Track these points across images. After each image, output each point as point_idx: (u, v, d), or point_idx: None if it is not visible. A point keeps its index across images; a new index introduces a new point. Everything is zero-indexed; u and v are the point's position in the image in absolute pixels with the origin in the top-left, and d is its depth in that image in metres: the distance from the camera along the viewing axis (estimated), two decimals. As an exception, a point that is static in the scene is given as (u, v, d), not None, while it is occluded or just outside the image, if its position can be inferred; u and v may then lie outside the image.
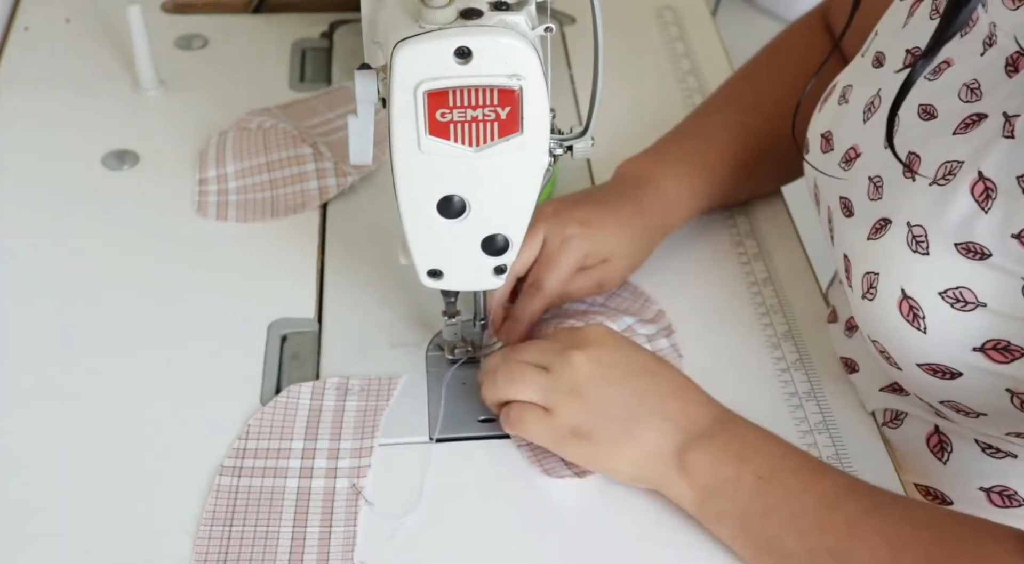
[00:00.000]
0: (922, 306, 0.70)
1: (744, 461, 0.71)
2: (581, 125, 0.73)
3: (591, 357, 0.74)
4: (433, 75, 0.63)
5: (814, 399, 0.83)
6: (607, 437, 0.73)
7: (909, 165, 0.72)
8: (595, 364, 0.74)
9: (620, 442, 0.72)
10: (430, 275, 0.75)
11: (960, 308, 0.68)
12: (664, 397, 0.73)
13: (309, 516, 0.74)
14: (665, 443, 0.72)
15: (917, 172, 0.71)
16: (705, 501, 0.71)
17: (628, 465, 0.73)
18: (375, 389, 0.81)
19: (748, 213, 0.97)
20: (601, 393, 0.73)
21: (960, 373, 0.71)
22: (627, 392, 0.73)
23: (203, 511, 0.74)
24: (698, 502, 0.72)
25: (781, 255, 0.94)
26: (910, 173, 0.72)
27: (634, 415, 0.73)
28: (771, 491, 0.70)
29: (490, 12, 0.64)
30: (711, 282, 0.91)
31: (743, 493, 0.70)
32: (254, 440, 0.78)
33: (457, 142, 0.66)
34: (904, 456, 0.83)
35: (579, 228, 0.84)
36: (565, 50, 1.13)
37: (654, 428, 0.72)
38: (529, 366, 0.75)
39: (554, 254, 0.83)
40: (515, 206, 0.71)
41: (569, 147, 0.73)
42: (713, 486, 0.71)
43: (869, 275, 0.73)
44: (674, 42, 1.16)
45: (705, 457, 0.71)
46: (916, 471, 0.82)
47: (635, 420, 0.72)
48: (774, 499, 0.69)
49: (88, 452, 0.78)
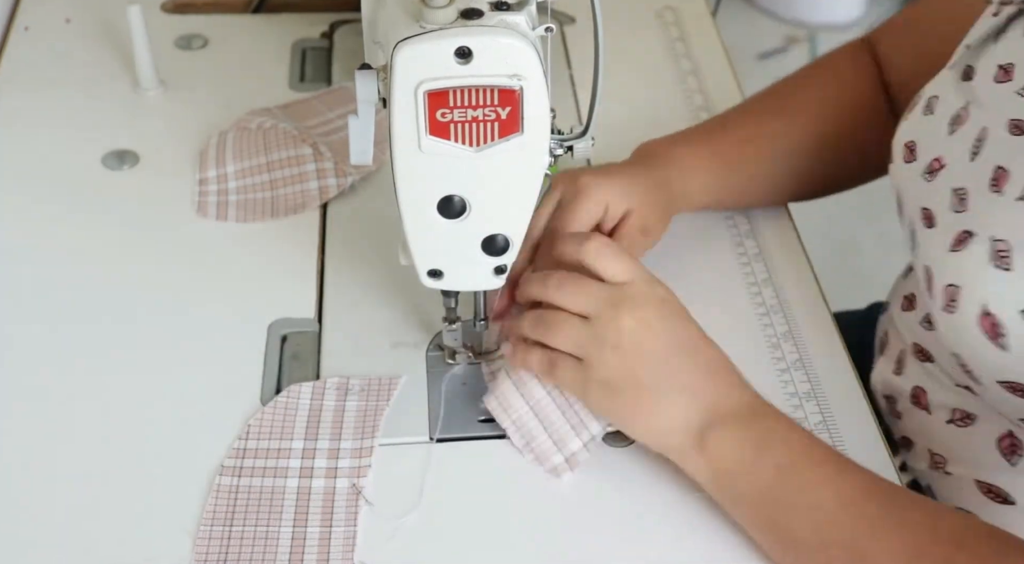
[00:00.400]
0: (1004, 323, 0.69)
1: (765, 449, 0.71)
2: (581, 125, 0.73)
3: (640, 319, 0.73)
4: (433, 75, 0.63)
5: (814, 399, 0.83)
6: (633, 401, 0.73)
7: (996, 180, 0.72)
8: (642, 328, 0.73)
9: (644, 409, 0.73)
10: (430, 275, 0.75)
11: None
12: (698, 374, 0.73)
13: (309, 516, 0.74)
14: (687, 419, 0.72)
15: (1004, 187, 0.71)
16: (721, 481, 0.72)
17: (647, 432, 0.74)
18: (375, 389, 0.81)
19: (748, 213, 0.97)
20: (639, 357, 0.73)
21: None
22: (663, 362, 0.73)
23: (203, 511, 0.74)
24: (714, 481, 0.72)
25: (781, 255, 0.94)
26: (996, 187, 0.71)
27: (663, 386, 0.73)
28: (790, 481, 0.70)
29: (490, 12, 0.64)
30: (711, 282, 0.91)
31: (761, 480, 0.70)
32: (254, 440, 0.78)
33: (457, 142, 0.66)
34: (968, 451, 0.82)
35: (592, 177, 0.84)
36: (565, 50, 1.13)
37: (679, 403, 0.72)
38: (569, 315, 0.74)
39: (569, 201, 0.83)
40: (515, 206, 0.71)
41: (569, 147, 0.73)
42: (730, 469, 0.71)
43: (951, 288, 0.73)
44: (674, 42, 1.16)
45: (726, 439, 0.71)
46: (978, 466, 0.82)
47: (663, 391, 0.72)
48: (792, 489, 0.69)
49: (88, 452, 0.78)
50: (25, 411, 0.80)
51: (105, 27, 1.13)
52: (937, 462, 0.85)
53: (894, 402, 0.90)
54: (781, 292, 0.90)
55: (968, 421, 0.82)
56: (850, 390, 0.84)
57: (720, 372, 0.74)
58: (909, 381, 0.85)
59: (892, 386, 0.90)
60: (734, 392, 0.74)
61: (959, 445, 0.82)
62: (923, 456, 0.87)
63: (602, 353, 0.73)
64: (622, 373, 0.73)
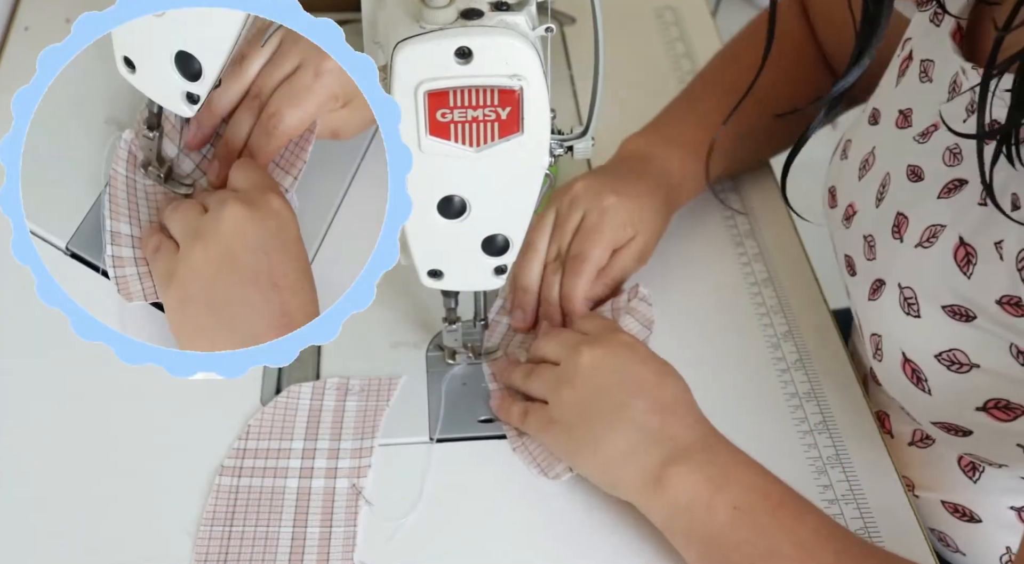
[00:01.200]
0: (922, 368, 0.70)
1: (721, 489, 0.68)
2: (581, 125, 0.73)
3: (594, 356, 0.74)
4: (434, 75, 0.63)
5: (814, 399, 0.82)
6: (584, 437, 0.73)
7: (897, 226, 0.73)
8: (595, 365, 0.74)
9: (593, 445, 0.72)
10: (430, 275, 0.75)
11: (956, 370, 0.68)
12: (650, 412, 0.72)
13: (309, 516, 0.74)
14: (637, 455, 0.71)
15: (904, 234, 0.72)
16: (674, 520, 0.70)
17: (597, 469, 0.73)
18: (375, 389, 0.81)
19: (748, 213, 0.97)
20: (591, 392, 0.73)
21: (971, 431, 0.71)
22: (614, 399, 0.73)
23: (203, 511, 0.74)
24: (667, 520, 0.70)
25: (781, 255, 0.93)
26: (898, 234, 0.72)
27: (612, 422, 0.72)
28: (745, 525, 0.67)
29: (490, 12, 0.64)
30: (711, 282, 0.91)
31: (715, 521, 0.68)
32: (254, 440, 0.78)
33: (457, 142, 0.66)
34: (931, 472, 0.82)
35: (616, 198, 0.84)
36: (565, 50, 1.13)
37: (627, 439, 0.71)
38: (547, 364, 0.77)
39: (596, 224, 0.84)
40: (515, 206, 0.71)
41: (569, 147, 0.73)
42: (684, 507, 0.69)
43: (875, 336, 0.74)
44: (674, 42, 1.16)
45: (680, 477, 0.69)
46: (943, 488, 0.82)
47: (611, 427, 0.72)
48: (748, 534, 0.67)
49: (88, 452, 0.78)
50: (25, 411, 0.80)
51: (105, 27, 1.13)
52: (908, 485, 0.85)
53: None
54: (781, 292, 0.90)
55: (928, 441, 0.82)
56: (850, 390, 0.84)
57: (676, 409, 0.73)
58: (872, 405, 0.85)
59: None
60: (689, 430, 0.72)
61: (922, 466, 0.83)
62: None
63: (560, 391, 0.74)
64: (576, 410, 0.73)
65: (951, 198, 0.69)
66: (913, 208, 0.72)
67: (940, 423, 0.72)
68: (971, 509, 0.81)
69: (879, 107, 0.80)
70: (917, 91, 0.76)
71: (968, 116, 0.69)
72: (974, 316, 0.67)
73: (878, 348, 0.74)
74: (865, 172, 0.79)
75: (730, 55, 0.99)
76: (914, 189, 0.73)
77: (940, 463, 0.82)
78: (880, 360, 0.74)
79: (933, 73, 0.74)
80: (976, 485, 0.80)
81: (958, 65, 0.70)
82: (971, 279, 0.66)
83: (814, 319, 0.88)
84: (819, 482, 0.77)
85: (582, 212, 0.84)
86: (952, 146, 0.71)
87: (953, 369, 0.69)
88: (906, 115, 0.76)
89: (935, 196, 0.70)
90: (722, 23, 1.20)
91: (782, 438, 0.80)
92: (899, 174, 0.74)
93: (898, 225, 0.73)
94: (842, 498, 0.76)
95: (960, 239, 0.67)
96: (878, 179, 0.77)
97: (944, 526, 0.83)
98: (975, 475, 0.80)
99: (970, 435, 0.71)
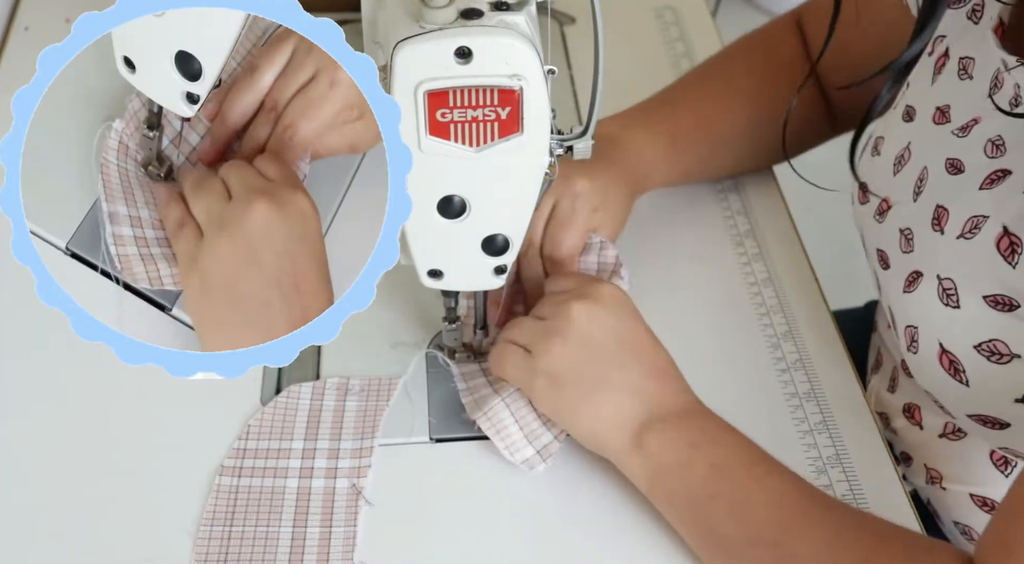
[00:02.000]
0: (960, 360, 0.70)
1: (699, 448, 0.71)
2: (581, 125, 0.73)
3: (589, 312, 0.73)
4: (433, 75, 0.63)
5: (814, 399, 0.83)
6: (574, 393, 0.73)
7: (937, 218, 0.73)
8: (590, 320, 0.73)
9: (584, 403, 0.73)
10: (430, 275, 0.75)
11: (996, 361, 0.68)
12: (643, 374, 0.73)
13: (309, 516, 0.74)
14: (626, 417, 0.72)
15: (944, 226, 0.72)
16: (656, 479, 0.72)
17: (585, 428, 0.73)
18: (375, 389, 0.81)
19: (748, 213, 0.97)
20: (584, 349, 0.73)
21: (1008, 423, 0.71)
22: (608, 358, 0.73)
23: (203, 511, 0.74)
24: (649, 479, 0.72)
25: (781, 255, 0.94)
26: (938, 226, 0.72)
27: (605, 381, 0.73)
28: (721, 479, 0.70)
29: (490, 12, 0.64)
30: (711, 282, 0.91)
31: (695, 477, 0.70)
32: (254, 440, 0.78)
33: (457, 142, 0.66)
34: (961, 465, 0.83)
35: (587, 183, 0.84)
36: (565, 50, 1.13)
37: (619, 400, 0.72)
38: (529, 317, 0.76)
39: (569, 214, 0.83)
40: (515, 206, 0.71)
41: (569, 147, 0.73)
42: (666, 467, 0.71)
43: (910, 329, 0.74)
44: (674, 42, 1.16)
45: (662, 438, 0.71)
46: (973, 482, 0.82)
47: (604, 387, 0.72)
48: (723, 487, 0.70)
49: (88, 452, 0.78)
50: (25, 411, 0.80)
51: (105, 27, 1.13)
52: (933, 477, 0.86)
53: (888, 420, 0.90)
54: (781, 292, 0.90)
55: (960, 434, 0.82)
56: (850, 390, 0.84)
57: (665, 375, 0.74)
58: (902, 397, 0.85)
59: (885, 403, 0.90)
60: (676, 397, 0.74)
61: (953, 459, 0.83)
62: (920, 472, 0.88)
63: (548, 343, 0.73)
64: (565, 365, 0.73)
65: (993, 189, 0.69)
66: (954, 200, 0.72)
67: (976, 415, 0.72)
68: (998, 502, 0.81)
69: (913, 104, 0.80)
70: (956, 88, 0.76)
71: (1011, 108, 0.70)
72: (1017, 305, 0.67)
73: (913, 340, 0.74)
74: (901, 167, 0.79)
75: (717, 61, 0.99)
76: (954, 182, 0.73)
77: (971, 456, 0.82)
78: (915, 352, 0.74)
79: (973, 70, 0.74)
80: (1008, 479, 0.80)
81: (1000, 59, 0.70)
82: (1016, 268, 0.67)
83: (814, 319, 0.88)
84: (819, 482, 0.77)
85: (554, 199, 0.84)
86: (994, 138, 0.71)
87: (993, 360, 0.68)
88: (943, 111, 0.76)
89: (976, 187, 0.71)
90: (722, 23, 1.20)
91: (782, 438, 0.80)
92: (938, 168, 0.74)
93: (938, 217, 0.73)
94: (842, 498, 0.76)
95: (1004, 229, 0.68)
96: (915, 173, 0.77)
97: (970, 520, 0.83)
98: (1007, 469, 0.80)
99: (1007, 428, 0.71)
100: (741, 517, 0.69)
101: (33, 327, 0.86)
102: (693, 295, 0.90)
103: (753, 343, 0.87)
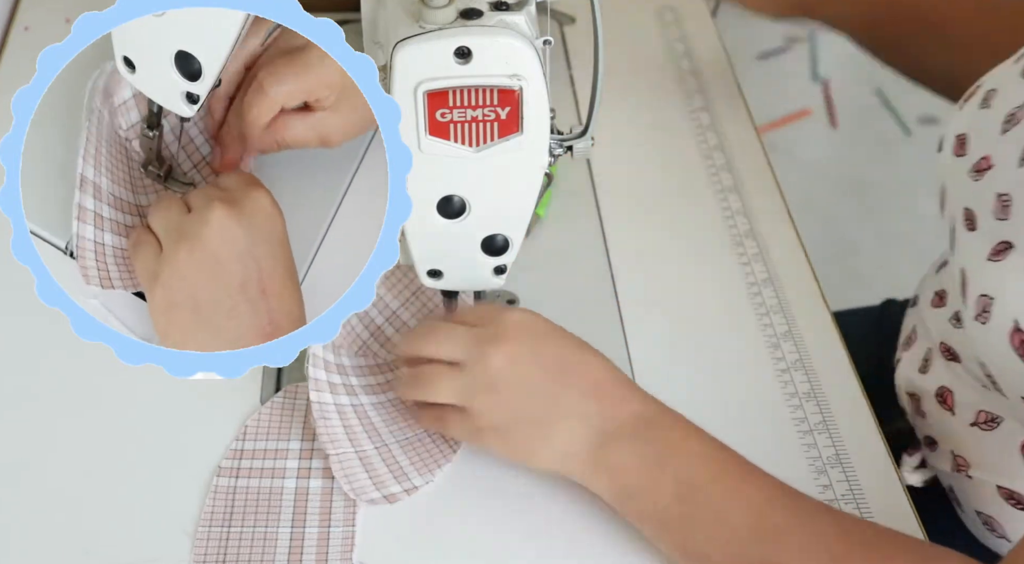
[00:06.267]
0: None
1: (664, 465, 0.68)
2: (581, 125, 0.73)
3: (507, 353, 0.70)
4: (433, 75, 0.63)
5: (814, 399, 0.83)
6: (522, 437, 0.71)
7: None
8: (510, 361, 0.70)
9: (535, 442, 0.71)
10: (430, 275, 0.75)
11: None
12: (578, 397, 0.71)
13: (307, 516, 0.74)
14: (580, 444, 0.70)
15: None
16: (624, 499, 0.70)
17: (546, 463, 0.72)
18: (375, 389, 0.81)
19: (748, 213, 0.97)
20: (516, 391, 0.70)
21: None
22: (541, 391, 0.70)
23: (201, 512, 0.74)
24: (618, 501, 0.70)
25: (781, 255, 0.94)
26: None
27: (548, 416, 0.70)
28: (692, 497, 0.67)
29: (490, 12, 0.64)
30: (711, 282, 0.91)
31: (663, 497, 0.68)
32: (251, 441, 0.78)
33: (457, 142, 0.66)
34: (990, 455, 0.81)
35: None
36: (565, 50, 1.13)
37: (568, 429, 0.70)
38: (442, 368, 0.72)
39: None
40: (515, 206, 0.71)
41: (569, 147, 0.73)
42: (632, 488, 0.69)
43: (984, 298, 0.69)
44: (674, 42, 1.16)
45: (624, 458, 0.69)
46: (1001, 473, 0.80)
47: (548, 421, 0.70)
48: (696, 505, 0.67)
49: (87, 452, 0.78)
50: (25, 411, 0.80)
51: (105, 27, 1.13)
52: (960, 465, 0.84)
53: (918, 401, 0.88)
54: (781, 292, 0.90)
55: (992, 424, 0.80)
56: (850, 390, 0.84)
57: (605, 387, 0.71)
58: (935, 380, 0.82)
59: (916, 385, 0.88)
60: (624, 406, 0.71)
61: (982, 448, 0.81)
62: (946, 458, 0.86)
63: (480, 399, 0.71)
64: (505, 414, 0.71)
65: None
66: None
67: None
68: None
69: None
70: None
71: None
72: None
73: (985, 310, 0.69)
74: (1011, 127, 0.72)
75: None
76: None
77: (1002, 447, 0.79)
78: (984, 323, 0.69)
79: None
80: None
81: None
82: None
83: (814, 319, 0.88)
84: (819, 482, 0.77)
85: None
86: None
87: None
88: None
89: None
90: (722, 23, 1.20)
91: (782, 438, 0.80)
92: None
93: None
94: (842, 498, 0.76)
95: None
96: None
97: (993, 510, 0.82)
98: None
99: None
100: (719, 537, 0.66)
101: (33, 327, 0.86)
102: (693, 295, 0.90)
103: (753, 343, 0.87)
